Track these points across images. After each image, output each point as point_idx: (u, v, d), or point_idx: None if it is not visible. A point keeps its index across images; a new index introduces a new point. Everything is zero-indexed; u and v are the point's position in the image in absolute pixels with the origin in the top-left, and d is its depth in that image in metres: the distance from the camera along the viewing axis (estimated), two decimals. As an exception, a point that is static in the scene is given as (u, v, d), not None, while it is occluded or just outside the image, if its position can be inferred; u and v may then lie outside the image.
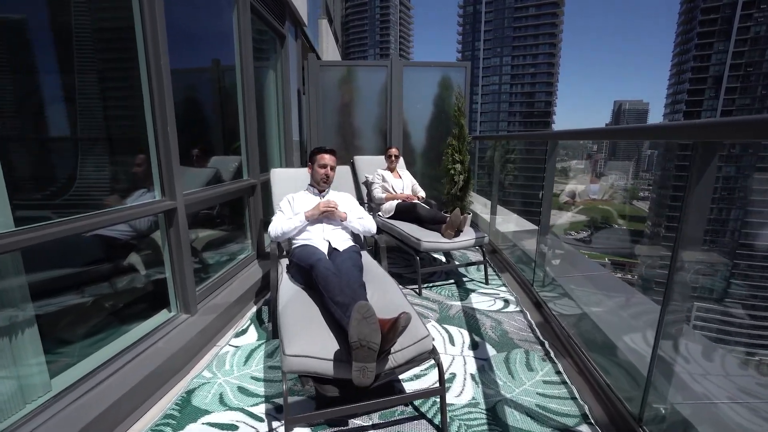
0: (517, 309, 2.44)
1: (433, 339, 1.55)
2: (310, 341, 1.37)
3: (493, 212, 3.61)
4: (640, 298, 2.51)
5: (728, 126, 1.07)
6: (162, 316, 1.96)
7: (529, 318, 2.33)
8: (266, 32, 3.46)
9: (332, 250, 2.02)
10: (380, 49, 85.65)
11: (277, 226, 2.11)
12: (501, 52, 67.60)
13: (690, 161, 1.18)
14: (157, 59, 1.75)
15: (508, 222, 3.88)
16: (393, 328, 1.25)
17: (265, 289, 2.60)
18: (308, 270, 1.74)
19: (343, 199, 2.37)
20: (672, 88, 56.75)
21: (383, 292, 1.76)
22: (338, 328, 1.44)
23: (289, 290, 1.80)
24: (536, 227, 3.92)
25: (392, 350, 1.37)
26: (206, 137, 2.70)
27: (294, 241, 2.15)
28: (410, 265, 3.24)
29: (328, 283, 1.57)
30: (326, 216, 2.16)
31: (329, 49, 7.42)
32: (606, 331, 2.08)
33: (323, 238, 2.07)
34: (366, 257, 2.25)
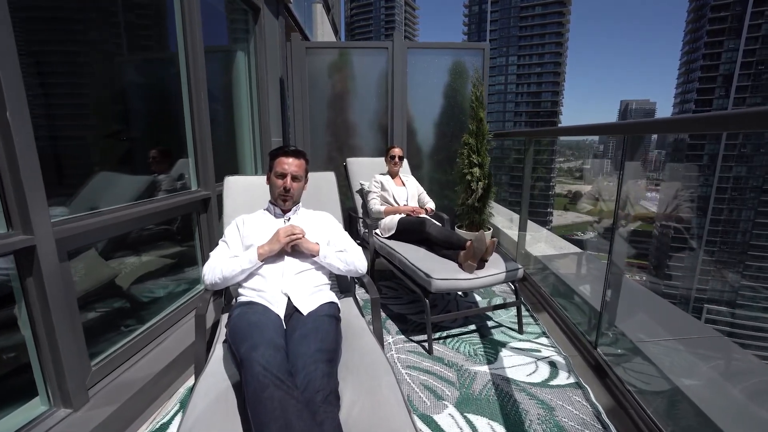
0: (572, 381, 1.68)
1: None
2: None
3: (523, 228, 2.85)
4: (753, 363, 1.75)
5: None
6: (22, 415, 1.22)
7: (593, 398, 1.57)
8: (232, 1, 2.74)
9: (293, 312, 1.27)
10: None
11: (214, 269, 1.36)
12: (507, 51, 66.54)
13: None
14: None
15: (539, 241, 3.12)
16: None
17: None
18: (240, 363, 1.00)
19: (318, 221, 1.62)
20: (681, 87, 55.62)
21: (372, 396, 1.02)
22: None
23: (211, 387, 1.06)
24: (577, 249, 3.18)
25: None
26: (132, 136, 1.99)
27: (240, 290, 1.40)
28: (417, 300, 2.49)
29: (260, 404, 0.83)
30: (291, 248, 1.41)
31: (325, 40, 6.70)
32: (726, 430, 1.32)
33: (281, 290, 1.32)
34: (349, 314, 1.50)
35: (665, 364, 1.70)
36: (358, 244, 3.07)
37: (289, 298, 1.30)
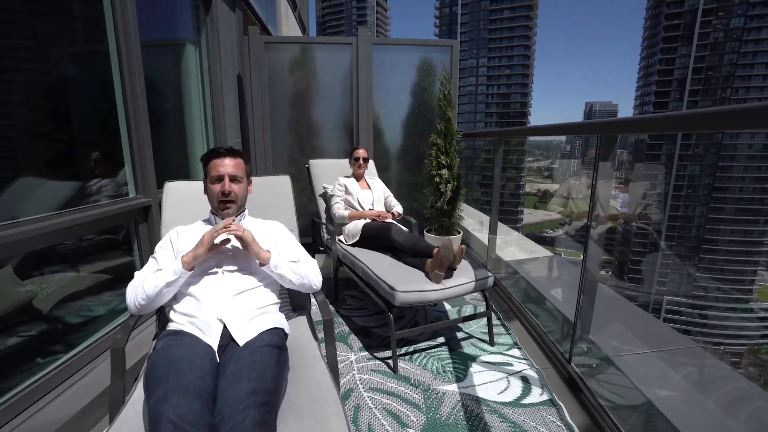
0: (545, 398, 1.58)
1: None
2: None
3: (493, 231, 2.76)
4: (725, 371, 1.71)
5: None
6: None
7: (567, 417, 1.47)
8: (176, -13, 2.50)
9: (228, 341, 1.09)
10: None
11: (137, 289, 1.16)
12: (477, 53, 67.79)
13: None
14: None
15: (510, 245, 3.04)
16: None
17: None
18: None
19: (267, 231, 1.43)
20: (640, 90, 58.49)
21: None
22: None
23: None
24: (549, 253, 3.13)
25: None
26: (58, 137, 1.74)
27: (170, 316, 1.21)
28: (383, 311, 2.34)
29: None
30: (220, 249, 1.22)
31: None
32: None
33: (215, 315, 1.13)
34: (300, 338, 1.33)
35: (640, 375, 1.64)
36: (321, 251, 2.91)
37: (224, 325, 1.11)
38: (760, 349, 32.85)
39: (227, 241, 1.20)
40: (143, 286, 1.15)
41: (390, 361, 1.80)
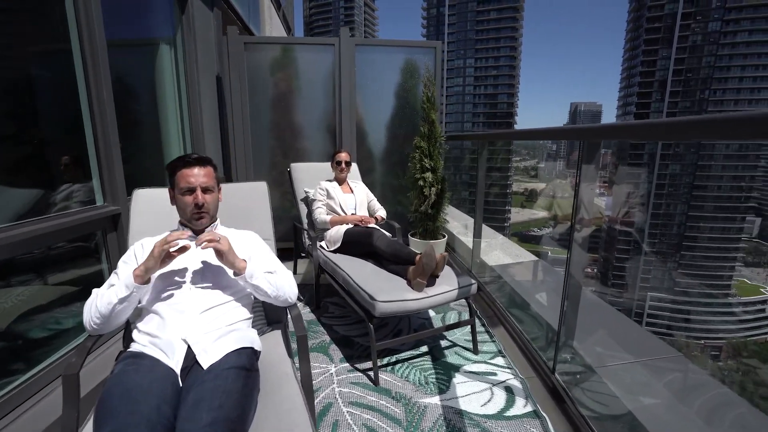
0: (529, 409, 1.55)
1: None
2: None
3: (477, 235, 2.73)
4: (706, 381, 1.70)
5: None
6: None
7: (551, 428, 1.44)
8: (148, -15, 2.40)
9: (193, 363, 1.02)
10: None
11: (91, 307, 1.09)
12: (464, 54, 68.19)
13: None
14: None
15: (495, 248, 3.02)
16: None
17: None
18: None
19: (240, 242, 1.36)
20: (623, 91, 59.68)
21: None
22: None
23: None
24: (534, 257, 3.11)
25: None
26: (19, 141, 1.64)
27: (133, 335, 1.13)
28: (364, 320, 2.28)
29: None
30: (173, 258, 1.12)
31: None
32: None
33: (179, 335, 1.06)
34: (273, 355, 1.26)
35: (626, 383, 1.62)
36: (303, 256, 2.84)
37: (189, 346, 1.04)
38: (738, 343, 33.85)
39: (183, 249, 1.13)
40: (96, 303, 1.08)
41: (371, 373, 1.75)
